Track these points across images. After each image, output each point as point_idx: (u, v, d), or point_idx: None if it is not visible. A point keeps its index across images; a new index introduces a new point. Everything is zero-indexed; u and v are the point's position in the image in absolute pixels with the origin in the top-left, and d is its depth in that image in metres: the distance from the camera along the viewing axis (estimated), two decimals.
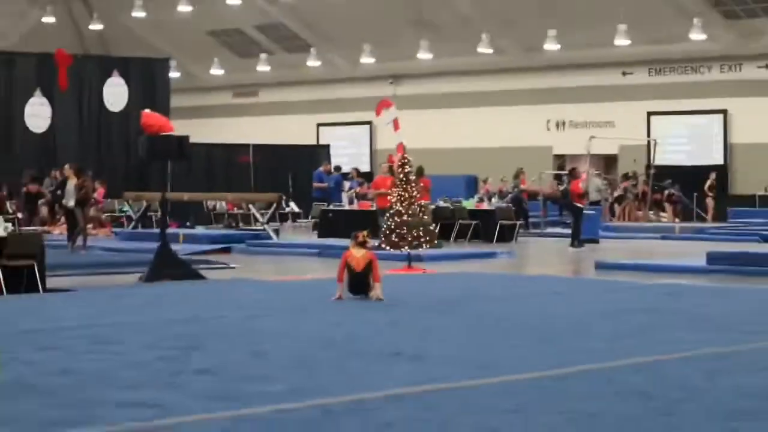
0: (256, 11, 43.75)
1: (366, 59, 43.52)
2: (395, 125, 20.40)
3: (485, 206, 29.04)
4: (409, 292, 14.30)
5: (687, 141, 39.69)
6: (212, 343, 9.79)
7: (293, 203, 33.78)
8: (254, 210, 28.41)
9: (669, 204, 36.78)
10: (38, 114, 31.92)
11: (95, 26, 47.76)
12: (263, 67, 46.61)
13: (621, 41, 37.79)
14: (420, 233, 18.95)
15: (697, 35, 36.71)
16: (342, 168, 34.70)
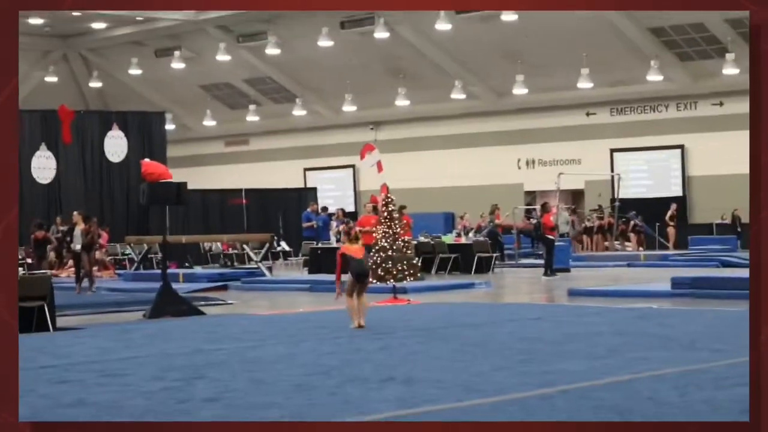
0: (245, 66, 43.87)
1: (348, 107, 43.65)
2: (379, 167, 20.36)
3: (463, 240, 29.06)
4: (396, 321, 14.27)
5: (648, 175, 39.88)
6: (214, 373, 9.73)
7: (284, 242, 33.73)
8: (248, 249, 28.38)
9: (633, 234, 36.87)
10: (44, 166, 31.97)
11: (95, 84, 47.90)
12: (252, 118, 46.70)
13: (584, 84, 38.06)
14: (404, 267, 18.96)
15: (655, 77, 36.95)
16: (328, 209, 34.68)
